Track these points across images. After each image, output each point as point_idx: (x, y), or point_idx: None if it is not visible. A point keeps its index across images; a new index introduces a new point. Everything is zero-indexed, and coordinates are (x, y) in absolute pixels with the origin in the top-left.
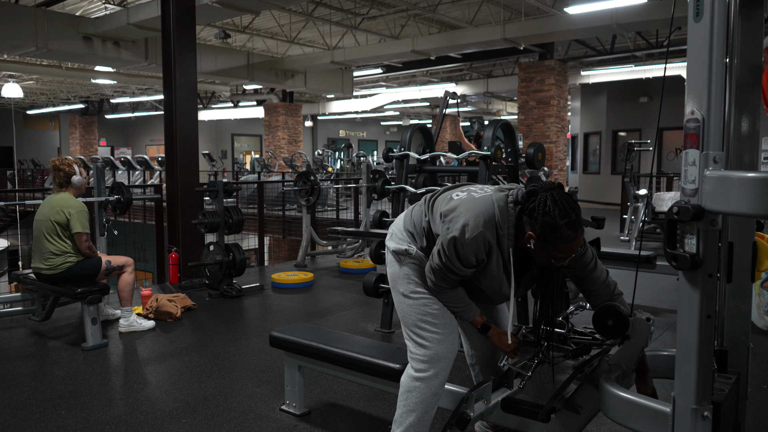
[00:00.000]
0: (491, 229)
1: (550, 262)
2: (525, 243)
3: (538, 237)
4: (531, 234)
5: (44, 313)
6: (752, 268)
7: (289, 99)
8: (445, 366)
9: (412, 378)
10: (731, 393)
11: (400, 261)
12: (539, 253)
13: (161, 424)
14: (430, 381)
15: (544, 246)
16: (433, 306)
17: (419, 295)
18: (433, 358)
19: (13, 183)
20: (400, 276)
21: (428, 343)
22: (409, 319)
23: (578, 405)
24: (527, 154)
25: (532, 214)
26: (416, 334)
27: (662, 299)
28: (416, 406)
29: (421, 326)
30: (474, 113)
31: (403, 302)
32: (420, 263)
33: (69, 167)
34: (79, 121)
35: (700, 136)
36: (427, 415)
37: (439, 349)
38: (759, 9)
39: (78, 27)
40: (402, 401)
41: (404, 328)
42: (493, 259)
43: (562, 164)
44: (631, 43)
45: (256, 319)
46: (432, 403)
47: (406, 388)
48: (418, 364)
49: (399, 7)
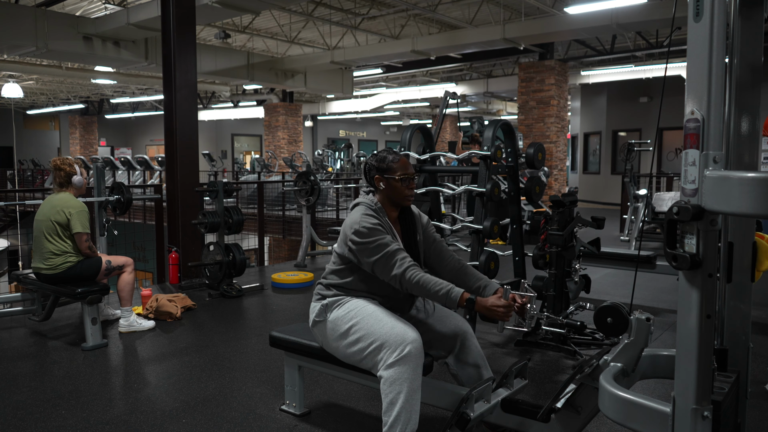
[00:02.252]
0: (368, 211)
1: (403, 191)
2: (384, 198)
3: (380, 173)
4: (377, 178)
5: (44, 313)
6: (752, 268)
7: (289, 99)
8: (412, 344)
9: (387, 369)
10: (731, 392)
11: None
12: (391, 189)
13: (161, 424)
14: (403, 360)
15: (387, 179)
16: (360, 322)
17: (349, 324)
18: (392, 343)
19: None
20: (332, 326)
21: (380, 338)
22: (353, 349)
23: (578, 405)
24: (527, 154)
25: (370, 172)
26: (369, 345)
27: (662, 299)
28: (401, 386)
29: (363, 337)
30: (474, 113)
31: (341, 345)
32: (336, 298)
33: (70, 167)
34: (79, 121)
35: (700, 136)
36: (413, 395)
37: (392, 333)
38: (759, 9)
39: (78, 27)
40: (385, 393)
41: (360, 357)
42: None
43: (562, 164)
44: (631, 43)
45: (256, 319)
46: (414, 379)
47: (386, 382)
48: (389, 357)
49: (399, 7)
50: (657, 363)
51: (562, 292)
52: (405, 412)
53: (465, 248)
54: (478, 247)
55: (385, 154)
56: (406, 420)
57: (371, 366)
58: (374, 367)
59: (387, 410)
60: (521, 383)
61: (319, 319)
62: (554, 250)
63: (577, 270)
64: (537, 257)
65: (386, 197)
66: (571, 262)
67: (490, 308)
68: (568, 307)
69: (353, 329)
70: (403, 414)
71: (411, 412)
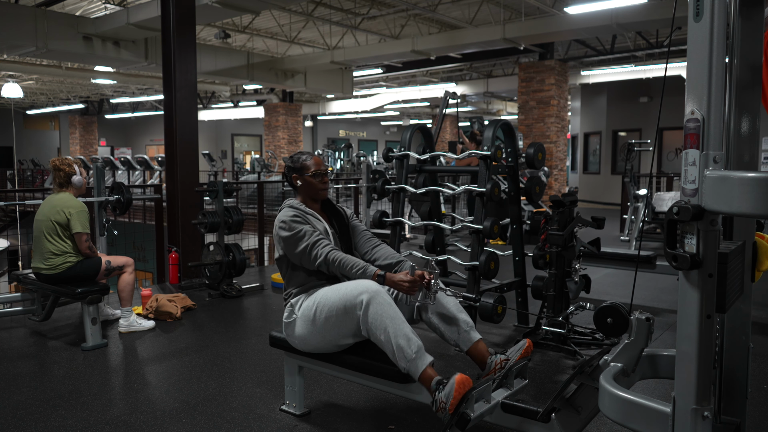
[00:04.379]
0: (290, 210)
1: (317, 185)
2: (304, 194)
3: (296, 172)
4: (294, 177)
5: (44, 313)
6: (752, 268)
7: (289, 99)
8: (368, 288)
9: (364, 318)
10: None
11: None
12: (307, 185)
13: (161, 424)
14: (371, 303)
15: (302, 175)
16: (328, 303)
17: (314, 309)
18: (353, 296)
19: (13, 183)
20: (302, 319)
21: (341, 299)
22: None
23: (578, 405)
24: (527, 154)
25: (288, 173)
26: (335, 313)
27: (662, 299)
28: (382, 321)
29: (328, 310)
30: (474, 113)
31: (316, 331)
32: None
33: (69, 167)
34: (79, 121)
35: (700, 136)
36: (396, 321)
37: (348, 290)
38: (759, 9)
39: (78, 27)
40: (373, 329)
41: (338, 333)
42: (313, 224)
43: (562, 164)
44: (631, 43)
45: (256, 319)
46: (388, 307)
47: (371, 327)
48: (355, 297)
49: (399, 7)
50: (657, 363)
51: (562, 292)
52: (401, 337)
53: (465, 248)
54: (478, 247)
55: (299, 155)
56: (406, 341)
57: (353, 332)
58: (358, 330)
59: (386, 344)
60: (521, 383)
61: (290, 320)
62: (554, 250)
63: (577, 270)
64: (537, 257)
65: (305, 193)
66: (571, 262)
67: (397, 283)
68: (568, 307)
69: (318, 310)
70: (400, 338)
71: (406, 334)
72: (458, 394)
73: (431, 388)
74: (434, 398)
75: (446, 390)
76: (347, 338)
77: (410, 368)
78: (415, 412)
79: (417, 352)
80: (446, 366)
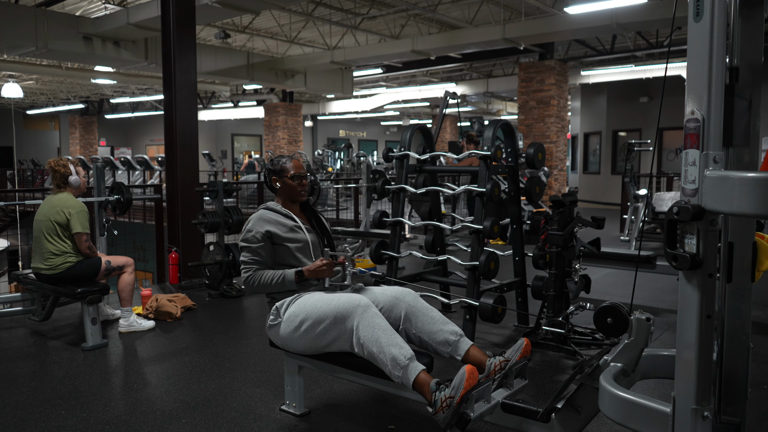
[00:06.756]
0: (264, 219)
1: (296, 188)
2: (284, 196)
3: (276, 174)
4: (274, 179)
5: (44, 313)
6: (752, 268)
7: (289, 99)
8: (360, 302)
9: (357, 335)
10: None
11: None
12: (287, 188)
13: (161, 424)
14: (362, 319)
15: (281, 178)
16: (315, 311)
17: (301, 317)
18: (344, 310)
19: (13, 183)
20: (287, 323)
21: (332, 312)
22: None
23: (578, 405)
24: (527, 154)
25: (268, 176)
26: (325, 324)
27: (662, 299)
28: (373, 333)
29: (317, 320)
30: (474, 113)
31: (299, 336)
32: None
33: (65, 168)
34: (79, 121)
35: (700, 136)
36: (387, 332)
37: (340, 304)
38: (759, 9)
39: (78, 27)
40: (366, 343)
41: (324, 341)
42: (282, 232)
43: (562, 164)
44: (631, 43)
45: (256, 319)
46: (378, 321)
47: (364, 343)
48: (347, 311)
49: (399, 7)
50: (657, 363)
51: (562, 292)
52: (394, 346)
53: (465, 248)
54: (478, 247)
55: (279, 158)
56: (398, 349)
57: (339, 344)
58: (345, 343)
59: (378, 356)
60: (521, 383)
61: (275, 323)
62: (554, 250)
63: (577, 270)
64: (537, 257)
65: (284, 195)
66: (571, 262)
67: (315, 270)
68: (568, 307)
69: (305, 318)
70: (393, 347)
71: (398, 344)
72: (468, 384)
73: (430, 390)
74: (434, 399)
75: (455, 382)
76: (330, 348)
77: (403, 375)
78: (415, 412)
79: (410, 359)
80: (446, 367)
